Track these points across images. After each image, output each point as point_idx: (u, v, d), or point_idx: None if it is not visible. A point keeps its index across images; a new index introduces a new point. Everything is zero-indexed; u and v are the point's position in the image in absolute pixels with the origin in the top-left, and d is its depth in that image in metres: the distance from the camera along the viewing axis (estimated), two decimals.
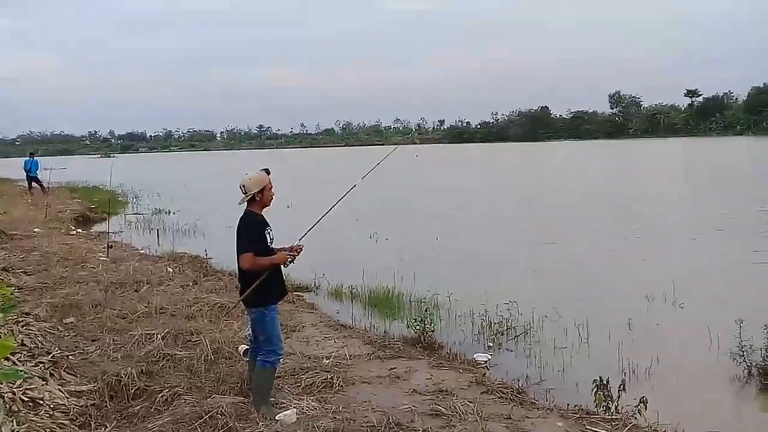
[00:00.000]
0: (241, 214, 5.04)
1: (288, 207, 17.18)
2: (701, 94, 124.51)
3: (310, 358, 6.48)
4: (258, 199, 4.98)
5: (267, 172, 5.10)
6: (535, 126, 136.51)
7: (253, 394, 5.12)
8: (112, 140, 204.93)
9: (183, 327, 7.16)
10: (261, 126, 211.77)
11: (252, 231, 4.93)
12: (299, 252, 5.14)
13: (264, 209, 5.09)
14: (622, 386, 5.41)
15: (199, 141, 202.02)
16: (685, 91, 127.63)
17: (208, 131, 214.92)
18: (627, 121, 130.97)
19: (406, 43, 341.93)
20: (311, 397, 5.33)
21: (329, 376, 5.80)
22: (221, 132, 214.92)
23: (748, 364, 6.38)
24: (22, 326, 6.95)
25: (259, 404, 4.98)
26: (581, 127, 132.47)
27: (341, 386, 5.68)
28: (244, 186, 4.96)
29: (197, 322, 7.46)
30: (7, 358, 5.29)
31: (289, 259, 5.07)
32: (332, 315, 8.67)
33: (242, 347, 6.37)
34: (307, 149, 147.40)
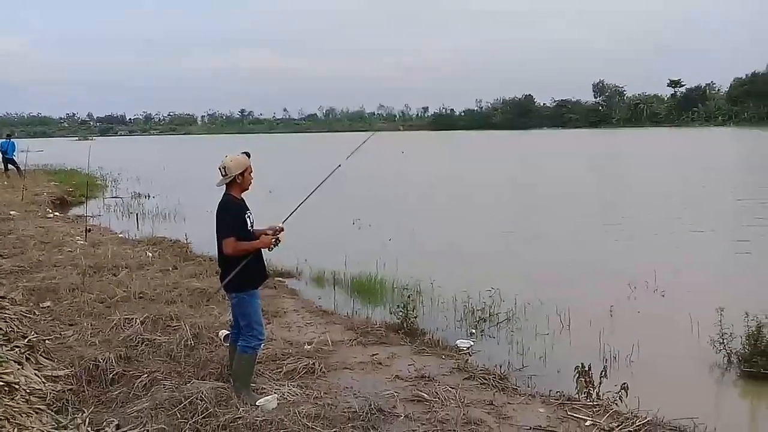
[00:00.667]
0: (220, 199, 4.94)
1: (270, 192, 17.05)
2: (684, 85, 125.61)
3: (291, 344, 6.43)
4: (239, 181, 4.89)
5: (248, 155, 4.99)
6: (519, 114, 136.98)
7: (233, 380, 5.06)
8: (91, 123, 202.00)
9: (163, 312, 7.06)
10: (243, 110, 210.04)
11: (233, 215, 4.85)
12: (280, 233, 5.01)
13: (243, 193, 4.99)
14: (603, 373, 5.42)
15: (180, 125, 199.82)
16: (668, 81, 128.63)
17: (188, 115, 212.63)
18: (610, 110, 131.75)
19: (391, 30, 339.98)
20: (293, 383, 5.29)
21: (311, 362, 5.76)
22: (202, 116, 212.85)
23: (728, 351, 6.43)
24: None
25: (239, 389, 4.93)
26: (565, 115, 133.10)
27: (323, 372, 5.65)
28: (225, 168, 4.85)
29: (177, 307, 7.37)
30: None
31: (272, 243, 4.97)
32: (314, 301, 8.63)
33: (223, 332, 6.29)
34: (290, 134, 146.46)
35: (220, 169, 4.88)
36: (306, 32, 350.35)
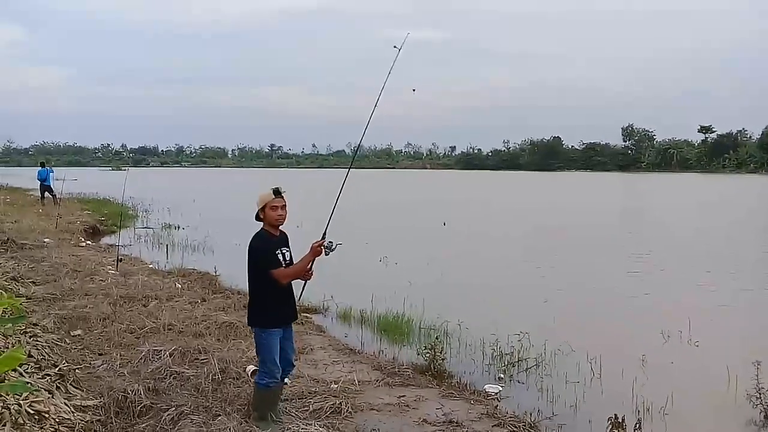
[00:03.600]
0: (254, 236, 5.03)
1: (297, 227, 17.14)
2: (715, 131, 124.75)
3: (318, 381, 6.38)
4: (262, 217, 4.99)
5: (276, 191, 4.99)
6: (547, 156, 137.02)
7: (252, 410, 5.15)
8: (124, 153, 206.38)
9: (191, 344, 7.08)
10: (272, 145, 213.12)
11: (263, 254, 4.92)
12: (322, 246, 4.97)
13: (272, 228, 5.03)
14: (637, 425, 5.29)
15: (211, 157, 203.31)
16: (699, 127, 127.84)
17: (219, 148, 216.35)
18: (639, 154, 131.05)
19: (415, 69, 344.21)
20: (319, 422, 5.23)
21: (337, 402, 5.70)
22: (233, 149, 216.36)
23: (765, 406, 6.23)
24: (30, 337, 6.91)
25: (256, 420, 5.02)
26: (593, 158, 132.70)
27: (350, 412, 5.57)
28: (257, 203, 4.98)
29: (205, 340, 7.39)
30: (14, 369, 5.22)
31: (323, 247, 4.94)
32: (341, 338, 8.57)
33: (250, 368, 6.27)
34: (318, 170, 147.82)
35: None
36: (334, 70, 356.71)
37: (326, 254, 5.00)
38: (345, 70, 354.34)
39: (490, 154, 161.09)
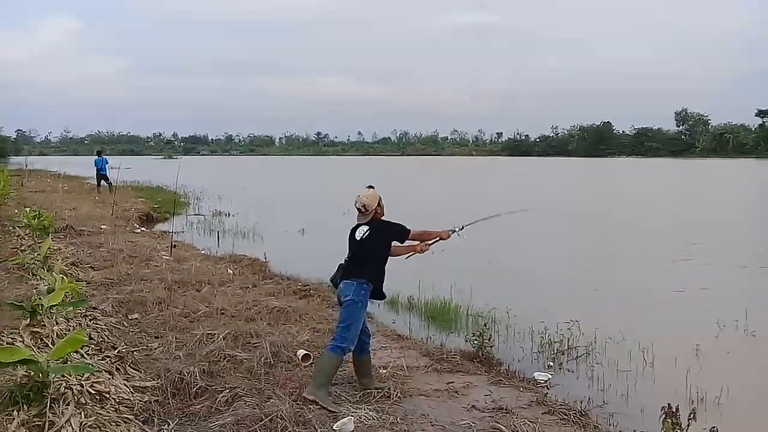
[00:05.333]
0: (367, 228, 5.57)
1: (344, 214, 17.25)
2: None
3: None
4: (378, 212, 5.62)
5: (371, 187, 5.69)
6: (597, 141, 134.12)
7: (314, 377, 5.36)
8: (175, 142, 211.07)
9: (243, 329, 7.23)
10: (319, 133, 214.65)
11: (396, 223, 5.64)
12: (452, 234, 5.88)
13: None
14: (692, 415, 5.16)
15: (259, 146, 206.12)
16: (756, 111, 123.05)
17: (267, 136, 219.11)
18: (694, 139, 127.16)
19: (466, 55, 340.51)
20: (369, 407, 5.30)
21: (387, 387, 5.76)
22: (280, 137, 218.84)
23: None
24: (90, 320, 7.20)
25: (316, 387, 5.23)
26: (645, 144, 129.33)
27: (399, 397, 5.62)
28: (364, 206, 5.52)
29: (257, 324, 7.53)
30: (76, 351, 5.45)
31: (449, 235, 5.83)
32: (389, 324, 8.64)
33: (301, 352, 6.40)
34: (363, 157, 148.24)
35: (359, 207, 5.54)
36: (382, 58, 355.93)
37: (446, 237, 5.82)
38: (393, 56, 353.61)
39: (537, 140, 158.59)
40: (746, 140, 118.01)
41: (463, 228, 6.03)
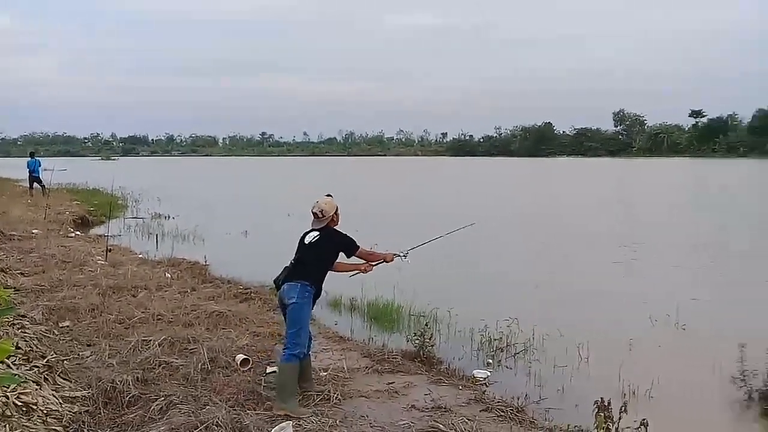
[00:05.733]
0: (318, 233, 5.55)
1: (289, 215, 17.21)
2: (706, 115, 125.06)
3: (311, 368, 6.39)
4: (335, 220, 5.64)
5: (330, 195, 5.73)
6: (539, 141, 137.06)
7: (278, 392, 5.33)
8: (114, 143, 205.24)
9: (180, 334, 7.07)
10: (264, 133, 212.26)
11: (346, 235, 5.66)
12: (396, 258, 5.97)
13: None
14: (623, 408, 5.31)
15: (201, 146, 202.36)
16: (690, 112, 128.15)
17: (210, 137, 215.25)
18: (630, 139, 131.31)
19: (410, 57, 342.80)
20: (308, 410, 5.26)
21: (327, 389, 5.73)
22: (223, 138, 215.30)
23: (749, 388, 6.30)
24: (18, 329, 6.88)
25: (282, 401, 5.20)
26: (584, 143, 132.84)
27: (339, 399, 5.60)
28: (322, 211, 5.53)
29: (195, 329, 7.38)
30: (2, 361, 5.22)
31: (392, 259, 5.91)
32: (330, 326, 8.60)
33: (240, 357, 6.31)
34: (308, 158, 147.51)
35: (316, 212, 5.54)
36: (328, 58, 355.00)
37: (389, 261, 5.91)
38: (339, 57, 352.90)
39: (481, 140, 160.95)
40: (680, 140, 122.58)
41: (407, 253, 6.06)
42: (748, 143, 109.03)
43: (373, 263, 5.82)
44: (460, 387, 6.17)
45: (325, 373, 6.26)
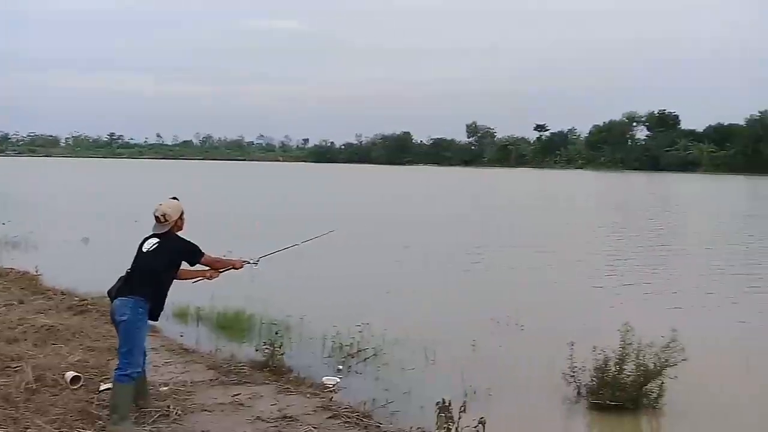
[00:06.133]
0: (158, 240, 5.16)
1: (136, 222, 16.17)
2: (548, 129, 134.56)
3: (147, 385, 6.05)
4: (179, 224, 5.27)
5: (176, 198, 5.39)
6: (398, 150, 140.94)
7: (112, 411, 4.98)
8: None
9: (2, 351, 6.44)
10: (112, 134, 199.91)
11: (190, 242, 5.27)
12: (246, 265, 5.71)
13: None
14: (462, 408, 5.52)
15: (41, 146, 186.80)
16: (534, 125, 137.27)
17: (51, 136, 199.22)
18: (482, 150, 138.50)
19: (271, 61, 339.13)
20: (144, 429, 4.97)
21: (166, 404, 5.45)
22: (66, 137, 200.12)
23: (578, 384, 6.78)
24: None
25: (116, 422, 4.87)
26: (440, 153, 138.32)
27: (179, 415, 5.35)
28: (164, 215, 5.13)
29: (20, 345, 6.75)
30: None
31: (242, 266, 5.66)
32: (175, 338, 8.22)
33: (69, 374, 5.84)
34: (163, 161, 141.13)
35: (158, 216, 5.13)
36: (186, 59, 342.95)
37: (238, 268, 5.67)
38: (198, 57, 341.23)
39: (342, 147, 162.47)
40: (526, 151, 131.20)
41: (258, 260, 5.85)
42: (585, 156, 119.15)
43: (221, 270, 5.54)
44: (308, 395, 6.12)
45: (166, 388, 5.95)
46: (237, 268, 5.63)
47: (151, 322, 5.37)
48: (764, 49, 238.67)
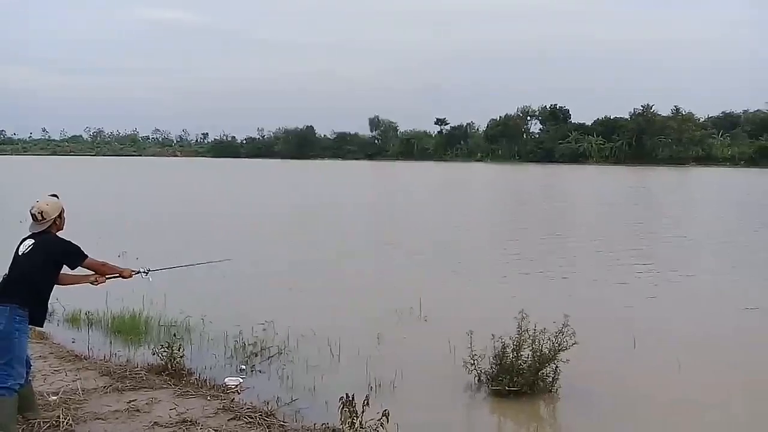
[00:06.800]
0: (35, 240, 4.84)
1: (21, 222, 15.13)
2: (449, 123, 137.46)
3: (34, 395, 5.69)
4: (57, 224, 4.94)
5: (56, 196, 5.03)
6: (301, 144, 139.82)
7: None
8: None
9: None
10: None
11: (71, 243, 4.93)
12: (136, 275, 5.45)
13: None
14: (366, 401, 5.56)
15: None
16: (435, 120, 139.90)
17: None
18: (385, 143, 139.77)
19: (166, 53, 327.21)
20: None
21: (56, 415, 5.15)
22: None
23: (479, 371, 6.97)
24: None
25: None
26: (344, 147, 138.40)
27: (70, 425, 5.08)
28: (42, 213, 4.83)
29: None
30: None
31: (131, 275, 5.36)
32: (66, 344, 7.80)
33: None
34: (50, 157, 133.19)
35: (34, 214, 4.83)
36: (75, 50, 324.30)
37: (125, 277, 5.35)
38: (84, 48, 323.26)
39: (244, 141, 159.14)
40: (428, 145, 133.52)
41: (149, 271, 5.61)
42: (483, 148, 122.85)
43: (108, 276, 5.18)
44: (210, 397, 5.97)
45: (55, 398, 5.64)
46: (125, 277, 5.29)
47: (38, 329, 5.06)
48: (645, 50, 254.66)
